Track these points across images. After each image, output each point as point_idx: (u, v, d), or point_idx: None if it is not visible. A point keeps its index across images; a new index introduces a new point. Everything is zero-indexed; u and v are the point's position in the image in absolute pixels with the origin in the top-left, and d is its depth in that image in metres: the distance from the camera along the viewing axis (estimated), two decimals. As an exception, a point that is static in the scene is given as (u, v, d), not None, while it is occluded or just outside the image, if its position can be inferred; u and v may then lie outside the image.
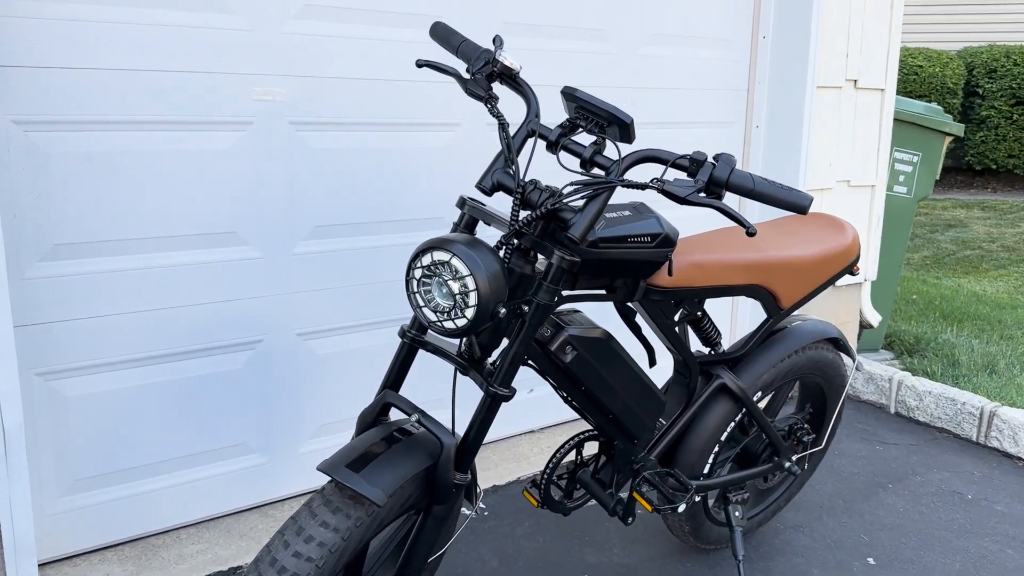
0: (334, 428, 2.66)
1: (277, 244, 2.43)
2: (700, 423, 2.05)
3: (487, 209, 1.60)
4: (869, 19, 3.43)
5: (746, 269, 1.91)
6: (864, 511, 2.69)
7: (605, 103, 1.49)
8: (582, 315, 1.76)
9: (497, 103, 1.58)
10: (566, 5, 2.83)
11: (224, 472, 2.48)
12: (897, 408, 3.47)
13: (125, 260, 2.21)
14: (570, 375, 1.73)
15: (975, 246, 7.01)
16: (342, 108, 2.45)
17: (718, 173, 1.45)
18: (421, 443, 1.54)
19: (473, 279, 1.39)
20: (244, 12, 2.26)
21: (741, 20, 3.32)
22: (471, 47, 1.67)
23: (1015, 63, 8.73)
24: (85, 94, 2.07)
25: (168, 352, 2.31)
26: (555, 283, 1.51)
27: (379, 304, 2.64)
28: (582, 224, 1.49)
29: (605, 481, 2.00)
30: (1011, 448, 3.09)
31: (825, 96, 3.37)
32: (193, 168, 2.25)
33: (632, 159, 1.51)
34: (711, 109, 3.32)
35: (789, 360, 2.18)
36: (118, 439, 2.28)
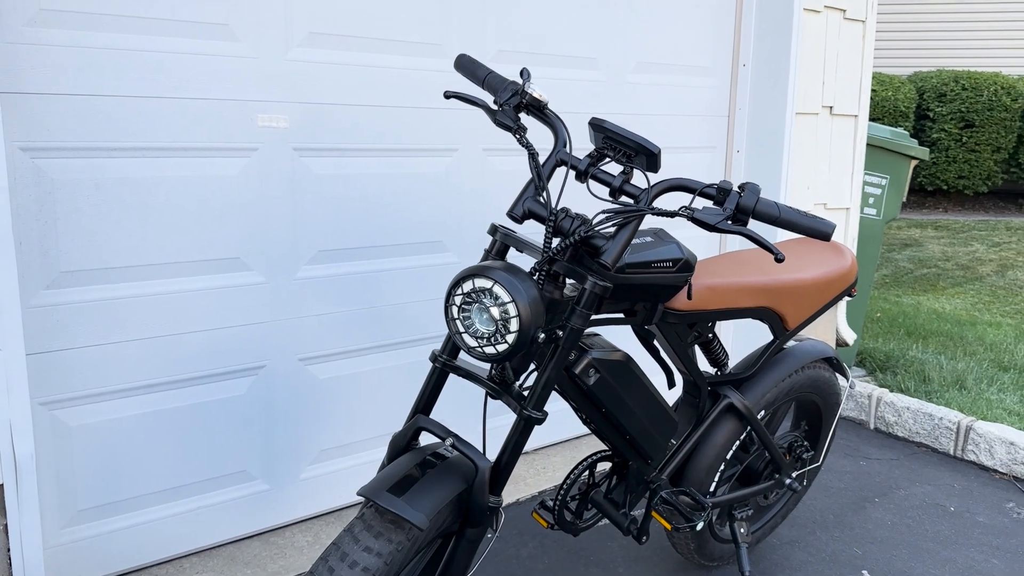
0: (335, 453, 2.66)
1: (280, 269, 2.43)
2: (708, 442, 2.10)
3: (519, 236, 1.63)
4: (843, 48, 3.56)
5: (756, 292, 1.98)
6: (855, 525, 2.77)
7: (633, 134, 1.54)
8: (602, 338, 1.81)
9: (525, 133, 1.62)
10: (558, 35, 2.89)
11: (226, 499, 2.46)
12: (876, 424, 3.57)
13: (130, 287, 2.20)
14: (592, 397, 1.77)
15: (931, 265, 7.23)
16: (344, 134, 2.47)
17: (745, 201, 1.51)
18: (456, 467, 1.56)
19: (515, 305, 1.42)
20: (249, 40, 2.27)
21: (722, 49, 3.43)
22: (497, 79, 1.71)
23: (963, 87, 9.06)
24: (92, 121, 2.06)
25: (171, 379, 2.30)
26: (588, 308, 1.55)
27: (380, 328, 2.66)
28: (614, 251, 1.54)
29: (618, 501, 2.04)
30: (987, 461, 3.20)
31: (803, 122, 3.49)
32: (198, 194, 2.25)
33: (661, 187, 1.56)
34: (694, 134, 3.40)
35: (790, 379, 2.24)
36: (121, 468, 2.26)
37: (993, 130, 9.13)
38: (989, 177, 9.39)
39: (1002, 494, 3.01)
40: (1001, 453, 3.16)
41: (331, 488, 2.66)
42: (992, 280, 6.70)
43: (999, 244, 7.97)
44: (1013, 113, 9.11)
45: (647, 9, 3.13)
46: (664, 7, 3.18)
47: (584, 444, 3.24)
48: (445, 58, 2.63)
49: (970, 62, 10.12)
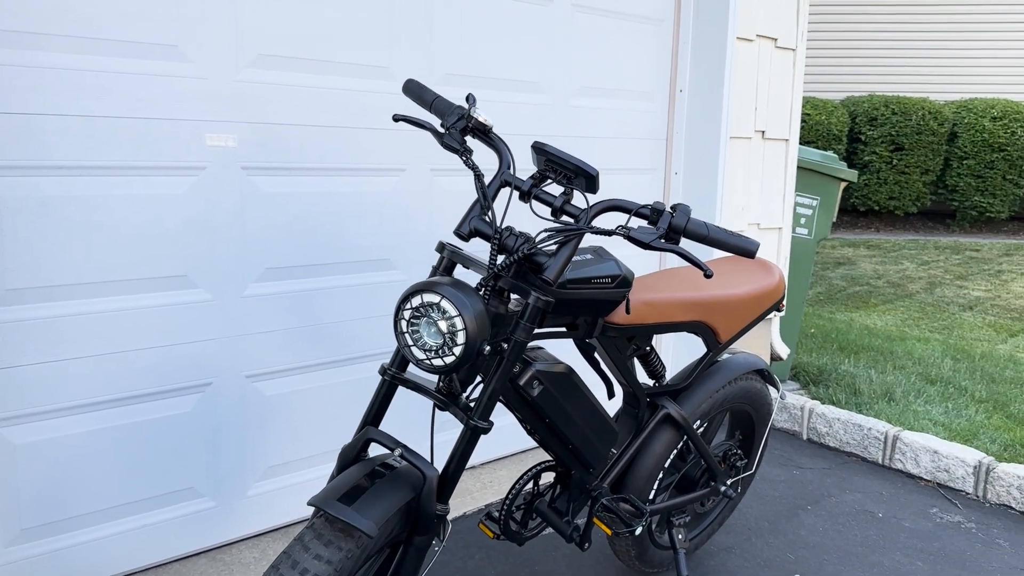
0: (282, 469, 2.68)
1: (228, 287, 2.46)
2: (647, 451, 2.19)
3: (465, 253, 1.70)
4: (775, 75, 3.73)
5: (690, 307, 2.08)
6: (788, 531, 2.88)
7: (573, 157, 1.62)
8: (546, 351, 1.88)
9: (472, 155, 1.70)
10: (503, 59, 2.98)
11: (173, 517, 2.46)
12: (809, 435, 3.71)
13: (77, 305, 2.21)
14: (536, 408, 1.84)
15: (863, 282, 7.49)
16: (293, 153, 2.52)
17: (676, 221, 1.60)
18: (405, 476, 1.62)
19: (462, 319, 1.49)
20: (199, 60, 2.31)
21: (660, 75, 3.56)
22: (444, 104, 1.79)
23: (893, 112, 9.44)
24: (38, 140, 2.08)
25: (118, 397, 2.31)
26: (531, 322, 1.63)
27: (327, 345, 2.69)
28: (555, 267, 1.62)
29: (561, 510, 2.11)
30: (913, 469, 3.36)
31: (737, 145, 3.63)
32: (146, 213, 2.28)
33: (599, 208, 1.65)
34: (634, 156, 3.52)
35: (724, 390, 2.35)
36: (67, 486, 2.25)
37: (922, 153, 9.52)
38: (918, 198, 9.77)
39: (927, 500, 3.16)
40: (926, 461, 3.31)
41: (278, 504, 2.68)
42: (921, 297, 6.97)
43: (928, 262, 8.29)
44: (940, 137, 9.51)
45: (588, 35, 3.24)
46: (604, 34, 3.30)
47: (529, 457, 3.31)
48: (393, 80, 2.70)
49: (899, 87, 10.56)
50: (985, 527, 2.96)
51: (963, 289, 7.20)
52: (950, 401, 4.09)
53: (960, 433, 3.61)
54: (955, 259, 8.45)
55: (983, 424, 3.71)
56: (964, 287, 7.27)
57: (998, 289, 7.20)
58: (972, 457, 3.21)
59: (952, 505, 3.13)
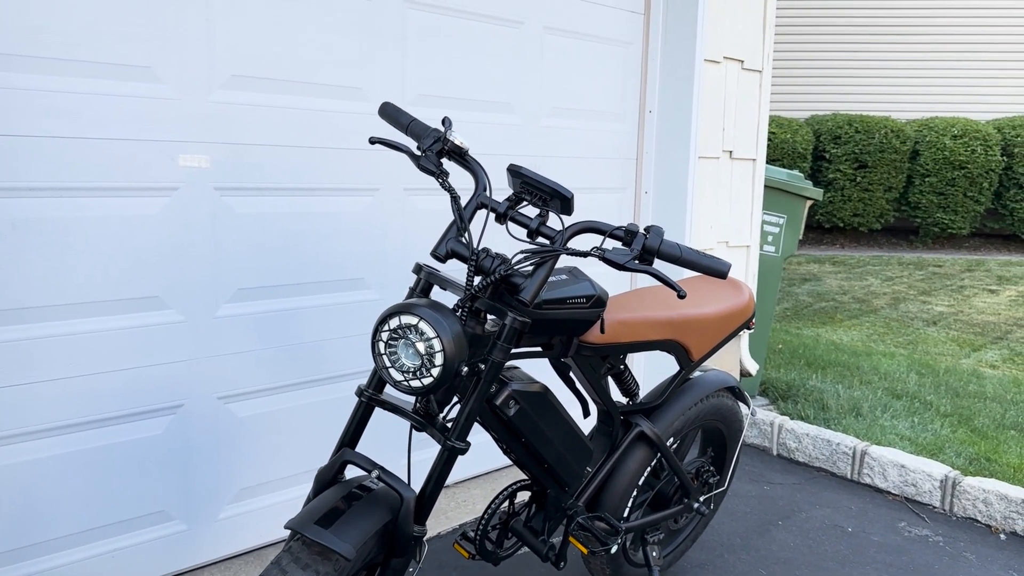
0: (254, 491, 2.66)
1: (200, 308, 2.45)
2: (622, 468, 2.21)
3: (442, 275, 1.72)
4: (742, 96, 3.79)
5: (663, 326, 2.10)
6: (760, 547, 2.91)
7: (548, 180, 1.65)
8: (521, 371, 1.90)
9: (448, 178, 1.72)
10: (475, 80, 3.01)
11: (144, 540, 2.43)
12: (779, 450, 3.76)
13: (47, 327, 2.18)
14: (512, 428, 1.85)
15: (829, 298, 7.60)
16: (266, 174, 2.52)
17: (650, 243, 1.63)
18: (382, 498, 1.62)
19: (440, 340, 1.50)
20: (172, 81, 2.31)
21: (630, 96, 3.61)
22: (420, 126, 1.80)
23: (856, 130, 9.62)
24: (10, 160, 2.06)
25: (88, 419, 2.28)
26: (508, 342, 1.64)
27: (301, 365, 2.69)
28: (532, 288, 1.64)
29: (537, 529, 2.12)
30: (881, 483, 3.41)
31: (705, 165, 3.69)
32: (118, 234, 2.26)
33: (574, 229, 1.67)
34: (605, 176, 3.56)
35: (696, 408, 2.37)
36: (35, 511, 2.22)
37: (885, 171, 9.70)
38: (882, 215, 9.95)
39: (895, 514, 3.21)
40: (893, 476, 3.36)
41: (250, 527, 2.66)
42: (886, 312, 7.08)
43: (892, 278, 8.43)
44: (902, 155, 9.71)
45: (558, 58, 3.28)
46: (575, 56, 3.34)
47: (504, 476, 3.32)
48: (366, 101, 2.71)
49: (862, 106, 10.77)
50: (952, 540, 3.01)
51: (927, 304, 7.33)
52: (916, 415, 4.16)
53: (926, 447, 3.67)
54: (918, 275, 8.61)
55: (948, 438, 3.77)
56: (928, 302, 7.41)
57: (961, 304, 7.35)
58: (939, 471, 3.26)
59: (920, 519, 3.18)
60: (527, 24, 3.16)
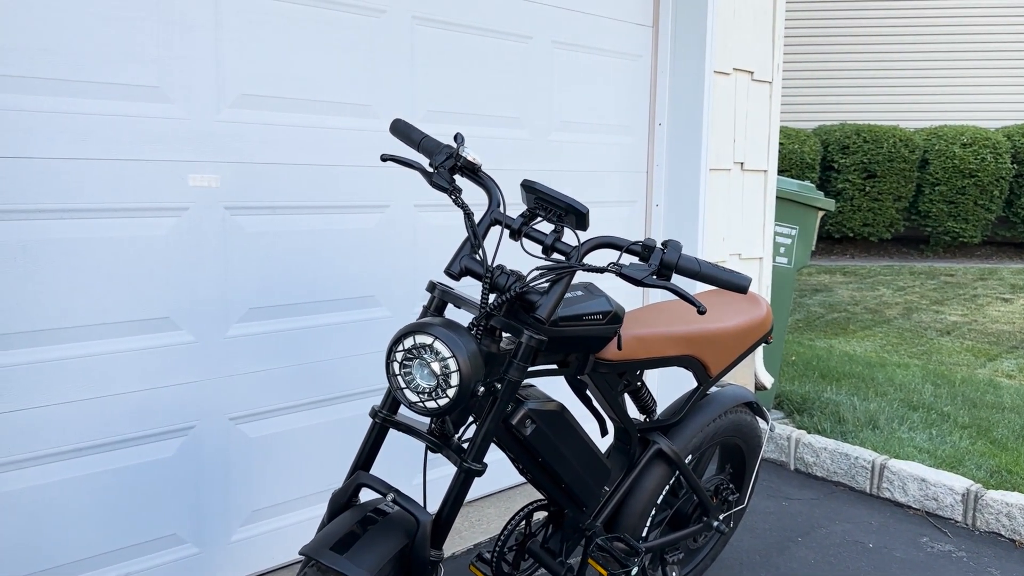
0: (267, 513, 2.63)
1: (211, 328, 2.43)
2: (640, 487, 2.17)
3: (456, 292, 1.69)
4: (752, 107, 3.77)
5: (681, 341, 2.07)
6: (780, 564, 2.86)
7: (563, 195, 1.62)
8: (537, 389, 1.86)
9: (461, 194, 1.69)
10: (485, 96, 2.99)
11: (155, 565, 2.40)
12: (796, 465, 3.71)
13: (58, 350, 2.16)
14: (528, 447, 1.82)
15: (841, 309, 7.54)
16: (276, 193, 2.50)
17: (668, 257, 1.60)
18: (398, 522, 1.59)
19: (455, 360, 1.47)
20: (181, 101, 2.30)
21: (639, 109, 3.59)
22: (432, 143, 1.78)
23: (865, 140, 9.58)
24: (19, 183, 2.05)
25: (99, 443, 2.26)
26: (525, 360, 1.61)
27: (312, 384, 2.66)
28: (548, 305, 1.61)
29: (555, 550, 2.08)
30: (901, 498, 3.35)
31: (717, 177, 3.66)
32: (128, 255, 2.24)
33: (590, 245, 1.64)
34: (615, 189, 3.54)
35: (714, 424, 2.34)
36: (46, 535, 2.19)
37: (894, 180, 9.65)
38: (892, 224, 9.90)
39: (916, 529, 3.16)
40: (914, 490, 3.31)
41: (263, 549, 2.63)
42: (899, 323, 7.03)
43: (904, 288, 8.37)
44: (911, 164, 9.66)
45: (567, 72, 3.26)
46: (584, 69, 3.32)
47: (518, 495, 3.28)
48: (376, 118, 2.70)
49: (870, 116, 10.73)
50: (976, 556, 2.96)
51: (940, 314, 7.27)
52: (934, 427, 4.10)
53: (945, 460, 3.62)
54: (930, 284, 8.55)
55: (968, 450, 3.72)
56: (940, 312, 7.34)
57: (974, 313, 7.28)
58: (960, 485, 3.21)
59: (942, 534, 3.12)
60: (536, 39, 3.14)
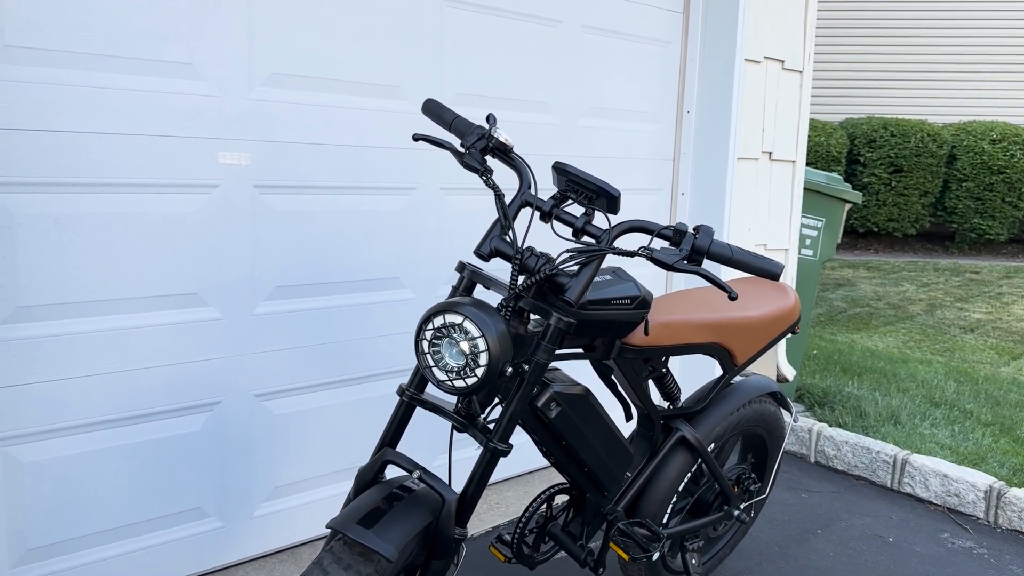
0: (289, 490, 2.65)
1: (238, 305, 2.44)
2: (662, 474, 2.17)
3: (485, 273, 1.69)
4: (782, 97, 3.74)
5: (707, 329, 2.06)
6: (799, 556, 2.85)
7: (595, 178, 1.62)
8: (562, 372, 1.87)
9: (492, 175, 1.69)
10: (513, 80, 2.98)
11: (179, 537, 2.43)
12: (817, 458, 3.69)
13: (88, 323, 2.19)
14: (553, 430, 1.82)
15: (864, 304, 7.49)
16: (304, 172, 2.51)
17: (700, 242, 1.59)
18: (423, 499, 1.60)
19: (485, 340, 1.48)
20: (213, 79, 2.31)
21: (667, 96, 3.56)
22: (464, 123, 1.78)
23: (892, 134, 9.48)
24: (54, 156, 2.07)
25: (126, 415, 2.28)
26: (553, 343, 1.61)
27: (336, 364, 2.67)
28: (577, 288, 1.61)
29: (575, 533, 2.08)
30: (923, 493, 3.33)
31: (744, 167, 3.63)
32: (158, 230, 2.26)
33: (621, 228, 1.64)
34: (641, 177, 3.52)
35: (738, 413, 2.33)
36: (73, 506, 2.22)
37: (920, 175, 9.55)
38: (917, 220, 9.80)
39: (937, 525, 3.14)
40: (936, 485, 3.29)
41: (285, 525, 2.65)
42: (922, 319, 6.97)
43: (928, 284, 8.30)
44: (939, 159, 9.55)
45: (596, 57, 3.25)
46: (612, 55, 3.31)
47: (537, 479, 3.29)
48: (404, 100, 2.70)
49: (898, 110, 10.61)
50: (997, 553, 2.94)
51: (964, 311, 7.20)
52: (956, 424, 4.07)
53: (968, 457, 3.59)
54: (955, 281, 8.46)
55: (991, 448, 3.69)
56: (965, 309, 7.27)
57: (999, 311, 7.20)
58: (983, 481, 3.19)
59: (963, 530, 3.10)
60: (565, 23, 3.13)
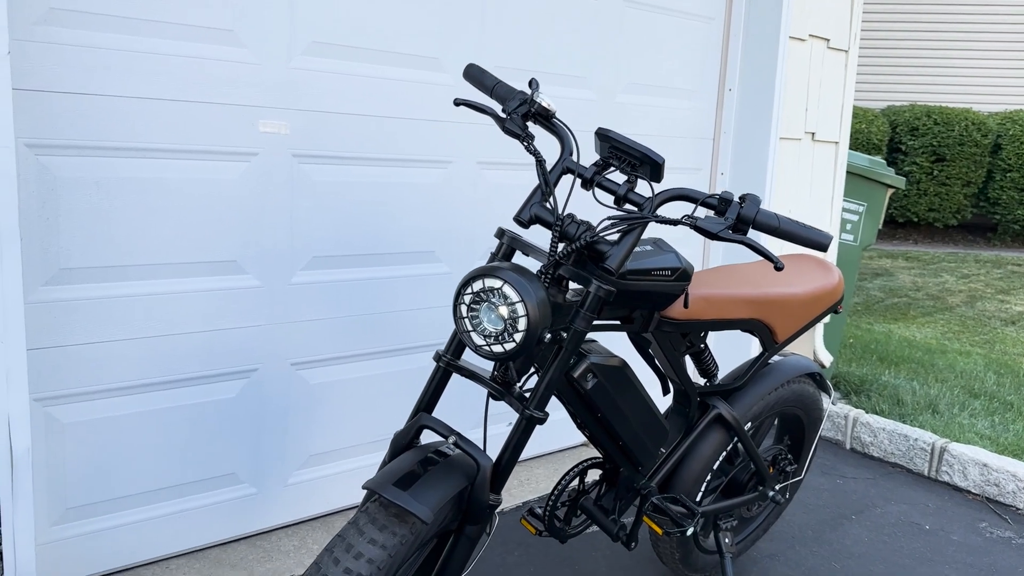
0: (323, 459, 2.66)
1: (276, 274, 2.45)
2: (697, 451, 2.15)
3: (525, 240, 1.68)
4: (827, 76, 3.67)
5: (748, 304, 2.03)
6: (832, 541, 2.82)
7: (638, 144, 1.59)
8: (599, 344, 1.85)
9: (533, 141, 1.67)
10: (552, 53, 2.96)
11: (214, 502, 2.46)
12: (852, 444, 3.64)
13: (128, 286, 2.21)
14: (588, 402, 1.80)
15: (902, 294, 7.37)
16: (343, 143, 2.51)
17: (746, 212, 1.56)
18: (459, 464, 1.59)
19: (524, 305, 1.46)
20: (253, 46, 2.31)
21: (709, 73, 3.51)
22: (506, 88, 1.76)
23: (935, 122, 9.29)
24: (97, 120, 2.08)
25: (164, 380, 2.30)
26: (592, 311, 1.60)
27: (372, 335, 2.68)
28: (618, 256, 1.58)
29: (608, 508, 2.07)
30: (960, 482, 3.28)
31: (786, 147, 3.57)
32: (198, 197, 2.27)
33: (664, 196, 1.61)
34: (680, 155, 3.48)
35: (776, 393, 2.30)
36: (111, 467, 2.25)
37: (963, 164, 9.35)
38: (959, 211, 9.61)
39: (975, 514, 3.08)
40: (974, 475, 3.23)
41: (318, 494, 2.67)
42: (961, 311, 6.84)
43: (968, 276, 8.14)
44: (983, 148, 9.34)
45: (637, 32, 3.21)
46: (654, 30, 3.26)
47: (567, 457, 3.28)
48: (444, 72, 2.68)
49: (942, 97, 10.39)
50: (1037, 543, 2.88)
51: (1005, 304, 7.06)
52: (996, 415, 3.99)
53: (1008, 448, 3.52)
54: (996, 273, 8.29)
55: (1032, 439, 3.61)
56: (1006, 302, 7.13)
57: (1042, 304, 7.05)
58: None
59: (1002, 520, 3.04)
60: (608, -3, 3.09)
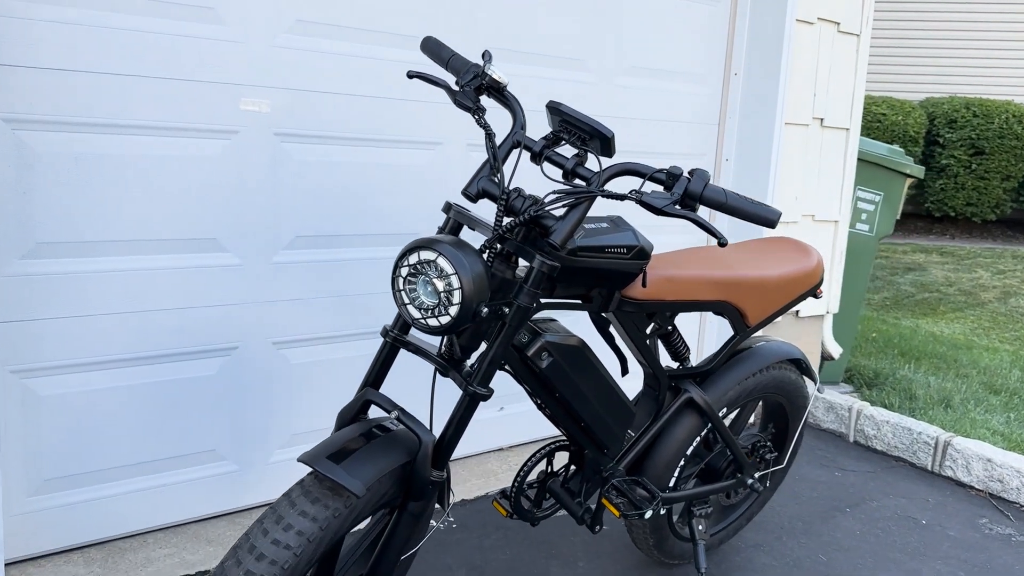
0: (306, 438, 2.67)
1: (257, 252, 2.46)
2: (668, 436, 2.11)
3: (471, 214, 1.66)
4: (836, 61, 3.58)
5: (715, 285, 1.99)
6: (822, 533, 2.76)
7: (588, 118, 1.56)
8: (558, 324, 1.82)
9: (484, 114, 1.65)
10: (546, 34, 2.92)
11: (193, 478, 2.48)
12: (856, 437, 3.56)
13: (106, 261, 2.23)
14: (545, 381, 1.78)
15: (933, 289, 7.19)
16: (327, 122, 2.51)
17: (693, 187, 1.52)
18: (400, 439, 1.58)
19: (458, 278, 1.45)
20: (236, 24, 2.31)
21: (714, 56, 3.45)
22: (460, 61, 1.74)
23: (974, 115, 9.04)
24: (76, 96, 2.10)
25: (143, 355, 2.33)
26: (535, 287, 1.57)
27: (354, 316, 2.68)
28: (563, 231, 1.56)
29: (574, 491, 2.04)
30: (964, 477, 3.18)
31: (793, 132, 3.50)
32: (178, 174, 2.29)
33: (612, 171, 1.58)
34: (683, 140, 3.42)
35: (754, 378, 2.25)
36: (89, 440, 2.28)
37: (1003, 158, 9.10)
38: (998, 205, 9.35)
39: (976, 510, 2.99)
40: (978, 470, 3.14)
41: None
42: (994, 307, 6.66)
43: (1004, 272, 7.92)
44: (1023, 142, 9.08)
45: (640, 13, 3.16)
46: (657, 11, 3.21)
47: (560, 444, 3.25)
48: (431, 52, 2.66)
49: (982, 89, 10.10)
50: (1037, 541, 2.79)
51: (1040, 300, 6.85)
52: (1013, 412, 3.88)
53: (1020, 444, 3.42)
54: (1034, 269, 8.06)
55: (1046, 436, 3.50)
56: (1042, 298, 6.92)
57: (1078, 301, 6.83)
58: (1028, 467, 3.03)
59: (1004, 517, 2.95)
60: (605, -22, 3.04)
